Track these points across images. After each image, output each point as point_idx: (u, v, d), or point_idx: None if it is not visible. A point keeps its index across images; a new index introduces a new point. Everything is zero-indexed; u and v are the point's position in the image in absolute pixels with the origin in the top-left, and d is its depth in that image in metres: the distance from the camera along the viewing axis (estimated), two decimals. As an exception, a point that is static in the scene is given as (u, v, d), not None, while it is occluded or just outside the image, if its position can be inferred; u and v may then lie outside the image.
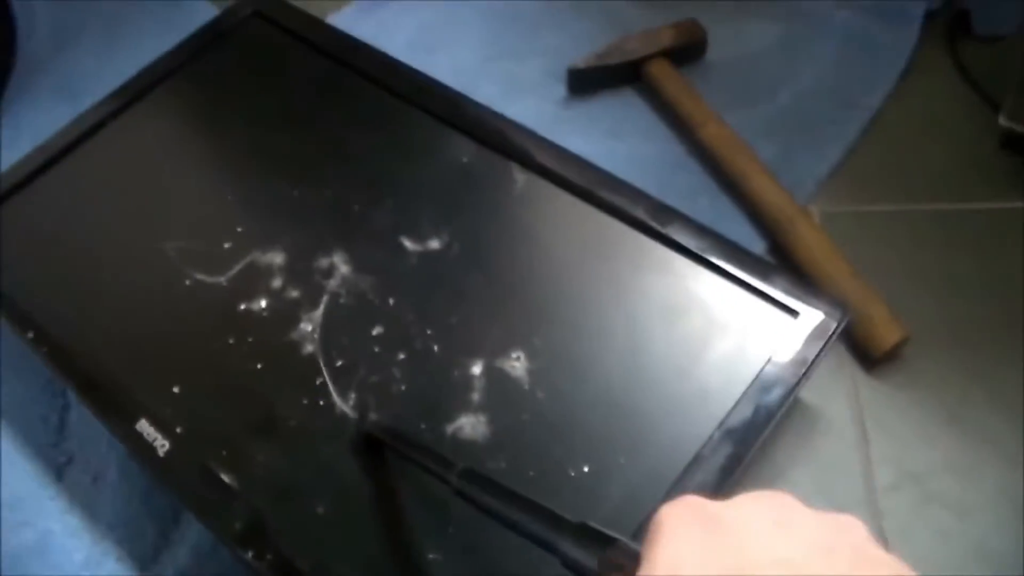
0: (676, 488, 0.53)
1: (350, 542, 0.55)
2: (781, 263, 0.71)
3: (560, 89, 0.85)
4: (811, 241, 0.70)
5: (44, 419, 0.70)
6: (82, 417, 0.70)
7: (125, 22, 0.99)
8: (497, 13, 0.93)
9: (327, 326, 0.63)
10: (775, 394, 0.56)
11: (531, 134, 0.70)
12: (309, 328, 0.63)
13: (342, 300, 0.64)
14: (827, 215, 0.75)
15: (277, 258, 0.67)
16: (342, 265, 0.66)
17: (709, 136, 0.77)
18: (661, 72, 0.82)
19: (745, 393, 0.56)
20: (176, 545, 0.63)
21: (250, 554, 0.54)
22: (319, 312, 0.63)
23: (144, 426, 0.60)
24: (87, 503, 0.66)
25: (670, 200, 0.65)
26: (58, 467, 0.68)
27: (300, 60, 0.79)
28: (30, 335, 0.65)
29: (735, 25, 0.87)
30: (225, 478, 0.57)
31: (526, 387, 0.58)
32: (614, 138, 0.75)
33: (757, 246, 0.72)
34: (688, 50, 0.84)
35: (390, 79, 0.75)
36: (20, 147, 0.77)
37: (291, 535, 0.55)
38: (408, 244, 0.66)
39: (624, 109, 0.83)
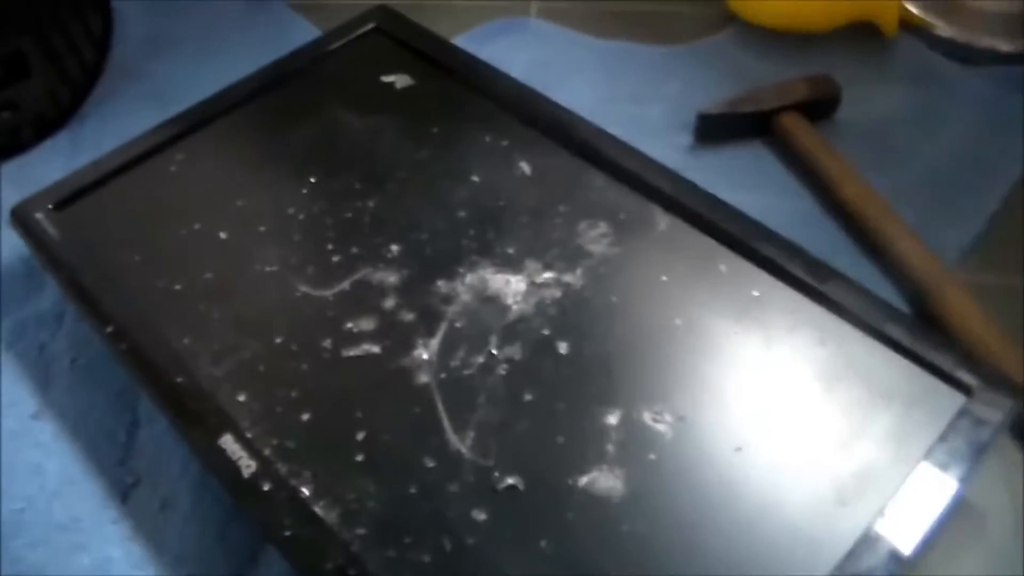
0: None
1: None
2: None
3: (684, 137, 0.81)
4: (963, 309, 0.64)
5: (111, 435, 0.64)
6: (153, 436, 0.64)
7: (221, 35, 0.97)
8: (615, 56, 0.90)
9: (444, 355, 0.57)
10: (947, 478, 0.50)
11: (674, 175, 0.66)
12: (424, 356, 0.57)
13: (462, 329, 0.58)
14: (968, 285, 0.69)
15: (391, 277, 0.62)
16: (464, 292, 0.60)
17: (848, 193, 0.73)
18: (794, 125, 0.78)
19: (914, 474, 0.50)
20: (253, 585, 0.56)
21: (343, 600, 0.47)
22: (436, 340, 0.57)
23: (228, 442, 0.54)
24: (153, 531, 0.59)
25: (806, 258, 0.60)
26: (124, 489, 0.62)
27: (422, 79, 0.76)
28: (108, 330, 0.60)
29: (864, 86, 0.84)
30: (318, 511, 0.51)
31: (667, 445, 0.53)
32: (743, 190, 0.71)
33: (899, 311, 0.66)
34: (821, 105, 0.80)
35: (522, 106, 0.72)
36: (105, 147, 0.74)
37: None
38: (538, 276, 0.61)
39: (754, 161, 0.79)
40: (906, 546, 0.48)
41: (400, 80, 0.76)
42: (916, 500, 0.49)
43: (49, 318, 0.71)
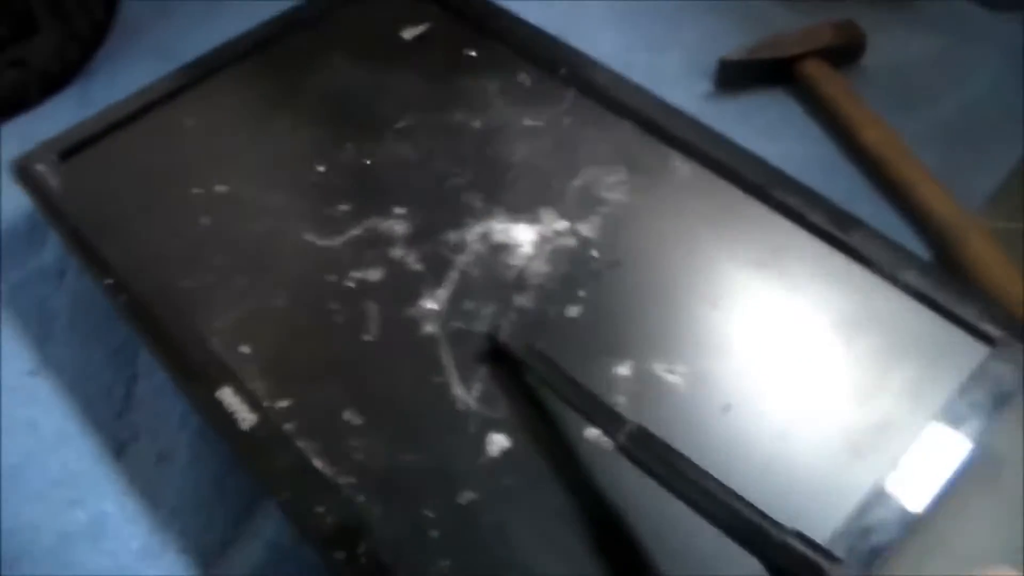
0: (849, 530, 0.45)
1: (459, 552, 0.46)
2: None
3: (705, 84, 0.79)
4: (987, 256, 0.62)
5: (109, 390, 0.63)
6: (152, 389, 0.62)
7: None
8: (631, 6, 0.88)
9: (453, 305, 0.55)
10: (965, 430, 0.48)
11: (694, 121, 0.64)
12: (432, 306, 0.55)
13: (473, 279, 0.56)
14: (993, 232, 0.66)
15: (399, 226, 0.60)
16: (475, 242, 0.58)
17: (872, 139, 0.70)
18: (818, 71, 0.75)
19: (930, 426, 0.48)
20: (249, 539, 0.55)
21: (340, 556, 0.46)
22: (445, 290, 0.55)
23: (227, 395, 0.52)
24: (150, 485, 0.58)
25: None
26: (120, 443, 0.60)
27: (436, 27, 0.74)
28: (108, 281, 0.58)
29: (891, 31, 0.82)
30: (317, 464, 0.49)
31: (682, 398, 0.50)
32: (765, 137, 0.68)
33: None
34: (845, 51, 0.78)
35: (538, 51, 0.70)
36: (113, 103, 0.72)
37: (391, 538, 0.47)
38: (553, 226, 0.59)
39: (775, 108, 0.76)
40: (919, 499, 0.46)
41: (413, 28, 0.74)
42: (932, 453, 0.48)
43: (51, 274, 0.70)
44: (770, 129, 0.74)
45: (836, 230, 0.57)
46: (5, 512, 0.57)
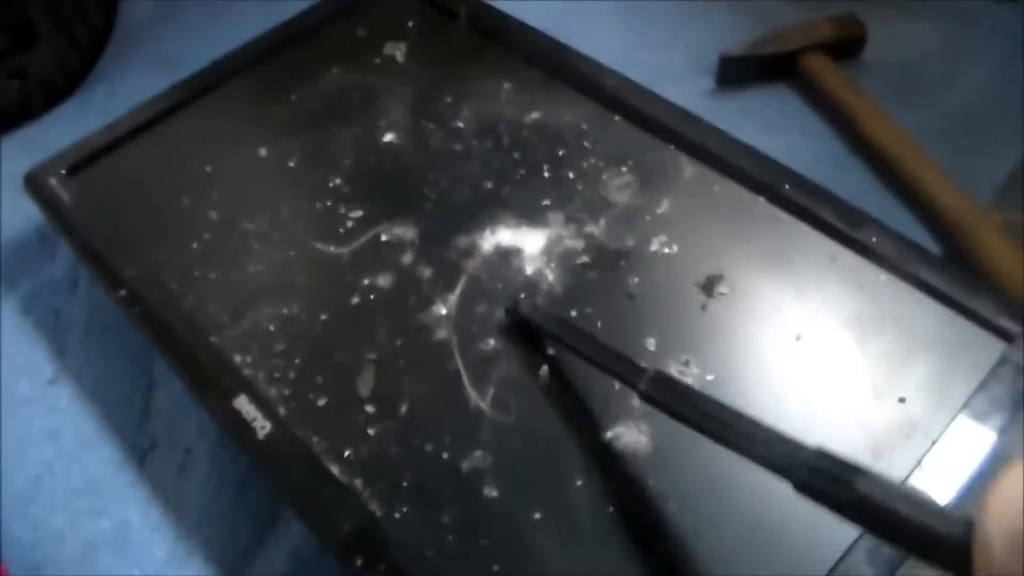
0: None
1: (477, 556, 0.47)
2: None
3: (707, 81, 0.79)
4: (999, 249, 0.62)
5: (127, 398, 0.64)
6: (170, 397, 0.63)
7: (231, -4, 0.94)
8: (631, 4, 0.88)
9: (463, 310, 0.55)
10: (988, 427, 0.48)
11: (699, 120, 0.64)
12: (443, 311, 0.55)
13: (482, 283, 0.57)
14: (1003, 224, 0.66)
15: (408, 232, 0.60)
16: (483, 246, 0.59)
17: (876, 133, 0.70)
18: (819, 65, 0.75)
19: (953, 425, 0.48)
20: (272, 547, 0.55)
21: (359, 562, 0.46)
22: (455, 295, 0.56)
23: (243, 403, 0.53)
24: (172, 493, 0.59)
25: (835, 200, 0.59)
26: (141, 451, 0.61)
27: (438, 33, 0.74)
28: (122, 293, 0.59)
29: (892, 24, 0.82)
30: (335, 471, 0.50)
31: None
32: (769, 133, 0.69)
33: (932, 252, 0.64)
34: (846, 45, 0.78)
35: (541, 55, 0.71)
36: (114, 113, 0.72)
37: (409, 544, 0.47)
38: (561, 229, 0.59)
39: (778, 103, 0.77)
40: (944, 497, 0.46)
41: (415, 36, 0.74)
42: (954, 452, 0.48)
43: (63, 284, 0.71)
44: (773, 124, 0.74)
45: (846, 227, 0.57)
46: (30, 522, 0.58)
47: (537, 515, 0.48)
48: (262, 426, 0.52)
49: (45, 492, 0.60)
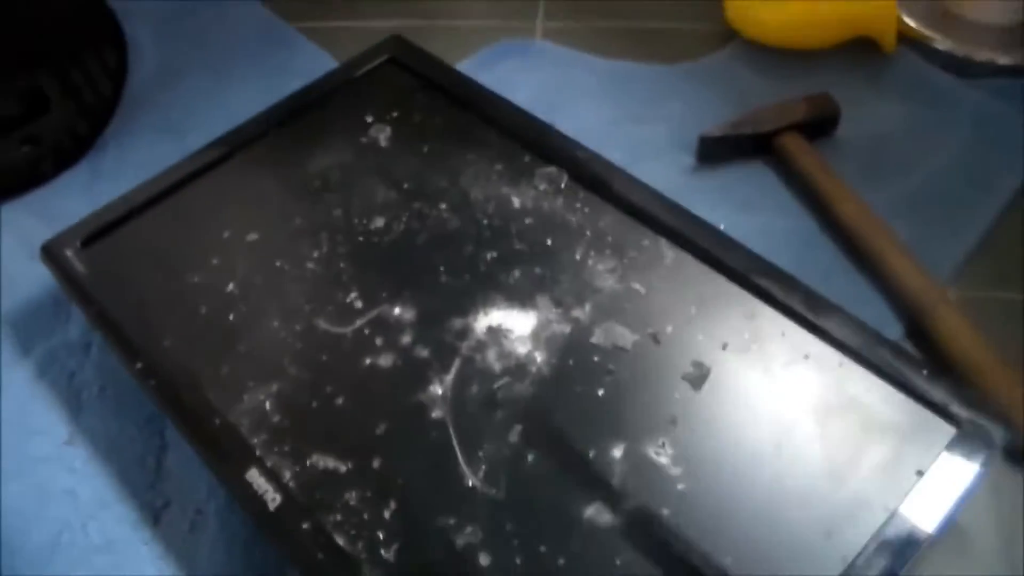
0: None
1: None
2: (921, 349, 0.68)
3: (686, 158, 0.83)
4: (956, 329, 0.67)
5: (140, 459, 0.67)
6: (180, 459, 0.67)
7: (234, 63, 0.98)
8: (618, 78, 0.92)
9: (458, 390, 0.60)
10: (934, 510, 0.52)
11: (679, 208, 0.68)
12: (439, 391, 0.60)
13: (475, 364, 0.61)
14: (963, 300, 0.71)
15: (407, 314, 0.64)
16: (477, 328, 0.63)
17: (847, 213, 0.74)
18: (794, 145, 0.79)
19: (900, 507, 0.52)
20: (279, 606, 0.59)
21: (362, 632, 0.50)
22: (450, 375, 0.60)
23: (254, 476, 0.57)
24: (184, 552, 0.62)
25: (805, 278, 0.63)
26: (155, 511, 0.65)
27: (439, 111, 0.78)
28: (138, 366, 0.63)
29: (863, 103, 0.86)
30: (340, 542, 0.54)
31: (669, 479, 0.55)
32: (745, 211, 0.73)
33: (894, 329, 0.69)
34: (820, 124, 0.82)
35: (532, 139, 0.74)
36: (124, 181, 0.76)
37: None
38: (549, 312, 0.63)
39: (754, 181, 0.80)
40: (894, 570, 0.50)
41: (415, 113, 0.78)
42: (900, 533, 0.51)
43: (77, 347, 0.74)
44: (750, 203, 0.78)
45: (812, 315, 0.61)
46: (51, 579, 0.61)
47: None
48: (272, 498, 0.56)
49: (64, 549, 0.63)
